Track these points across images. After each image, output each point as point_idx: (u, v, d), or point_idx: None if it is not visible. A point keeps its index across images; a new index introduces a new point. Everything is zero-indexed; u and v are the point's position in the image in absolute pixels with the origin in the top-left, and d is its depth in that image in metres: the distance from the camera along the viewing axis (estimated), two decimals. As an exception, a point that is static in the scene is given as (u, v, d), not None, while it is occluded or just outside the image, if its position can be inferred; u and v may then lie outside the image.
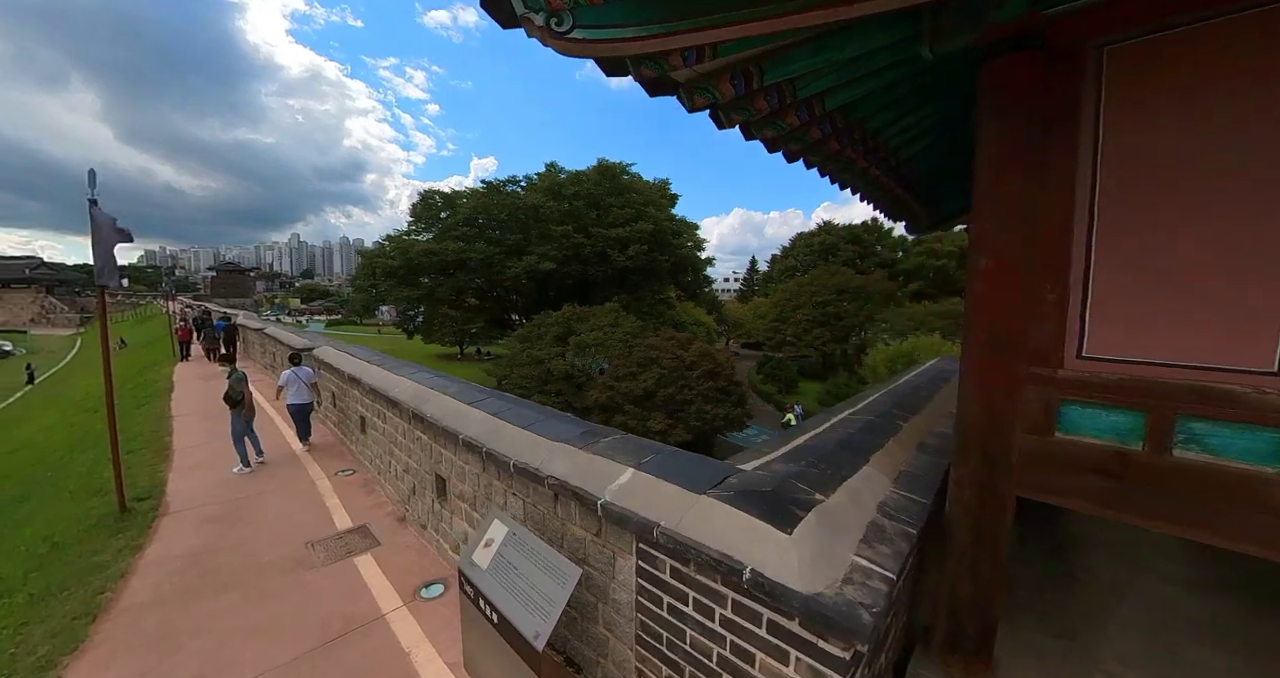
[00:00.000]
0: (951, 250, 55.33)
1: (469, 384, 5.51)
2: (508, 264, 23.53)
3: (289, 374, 7.97)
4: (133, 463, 7.66)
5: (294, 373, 8.00)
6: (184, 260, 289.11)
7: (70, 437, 12.55)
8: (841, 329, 46.78)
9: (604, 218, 25.57)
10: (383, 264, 25.58)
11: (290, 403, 7.96)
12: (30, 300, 75.68)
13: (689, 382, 18.86)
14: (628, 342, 20.78)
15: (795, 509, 2.60)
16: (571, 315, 21.66)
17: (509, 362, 21.79)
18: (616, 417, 18.26)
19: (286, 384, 7.91)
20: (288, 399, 7.92)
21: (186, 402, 11.66)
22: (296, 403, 7.96)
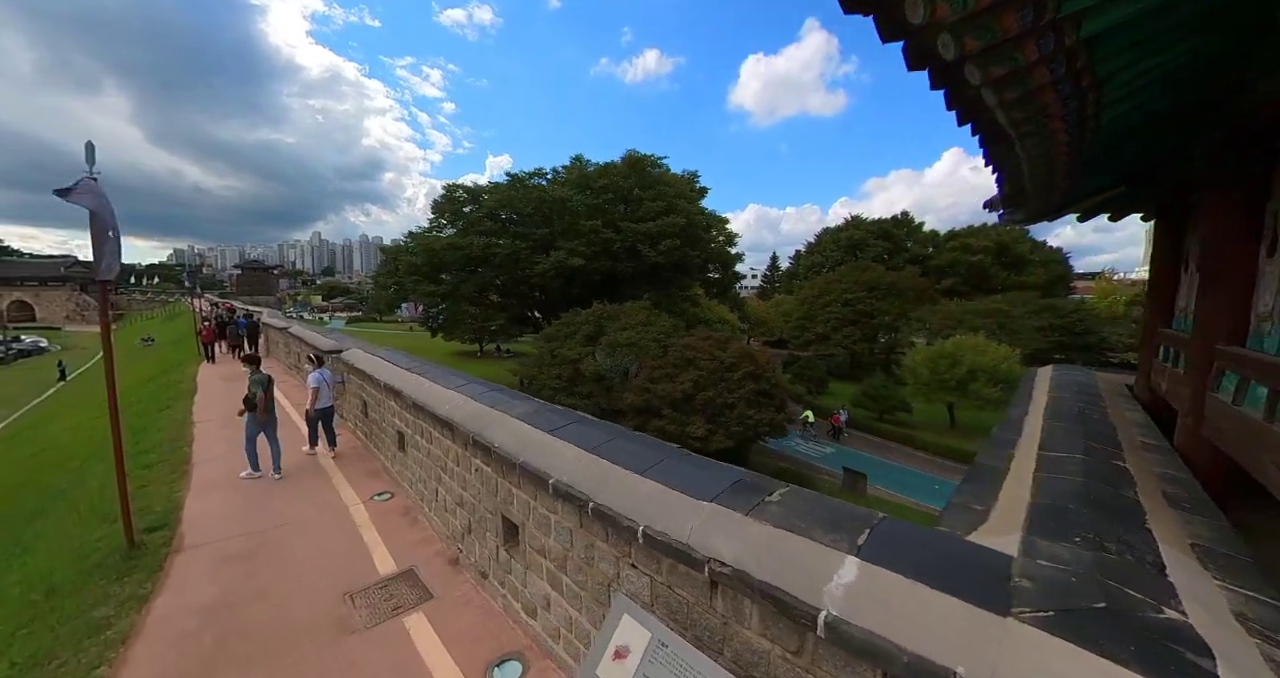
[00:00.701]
0: (987, 246, 52.91)
1: (538, 402, 4.51)
2: (535, 259, 22.63)
3: (318, 376, 7.41)
4: (149, 480, 6.88)
5: (321, 375, 7.46)
6: (211, 259, 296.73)
7: (92, 441, 11.96)
8: (872, 327, 45.01)
9: (634, 212, 24.47)
10: (406, 260, 24.93)
11: (318, 408, 7.40)
12: (66, 298, 77.70)
13: (730, 384, 17.74)
14: (662, 341, 19.73)
15: (1179, 650, 1.53)
16: (602, 314, 20.66)
17: (536, 361, 20.91)
18: (654, 421, 17.24)
19: (319, 387, 7.31)
20: (316, 404, 7.34)
21: (208, 405, 10.97)
22: (324, 407, 7.41)
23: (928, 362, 28.41)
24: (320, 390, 7.31)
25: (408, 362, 6.92)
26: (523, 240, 22.80)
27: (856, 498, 20.12)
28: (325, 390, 7.42)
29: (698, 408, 17.68)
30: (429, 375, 5.83)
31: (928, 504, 20.32)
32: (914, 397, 29.73)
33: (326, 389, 7.44)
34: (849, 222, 57.80)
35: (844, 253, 55.83)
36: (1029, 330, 36.10)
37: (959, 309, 38.17)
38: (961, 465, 25.65)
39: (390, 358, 7.34)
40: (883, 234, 54.51)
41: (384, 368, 6.95)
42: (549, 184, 25.80)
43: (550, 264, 22.19)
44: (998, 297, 40.32)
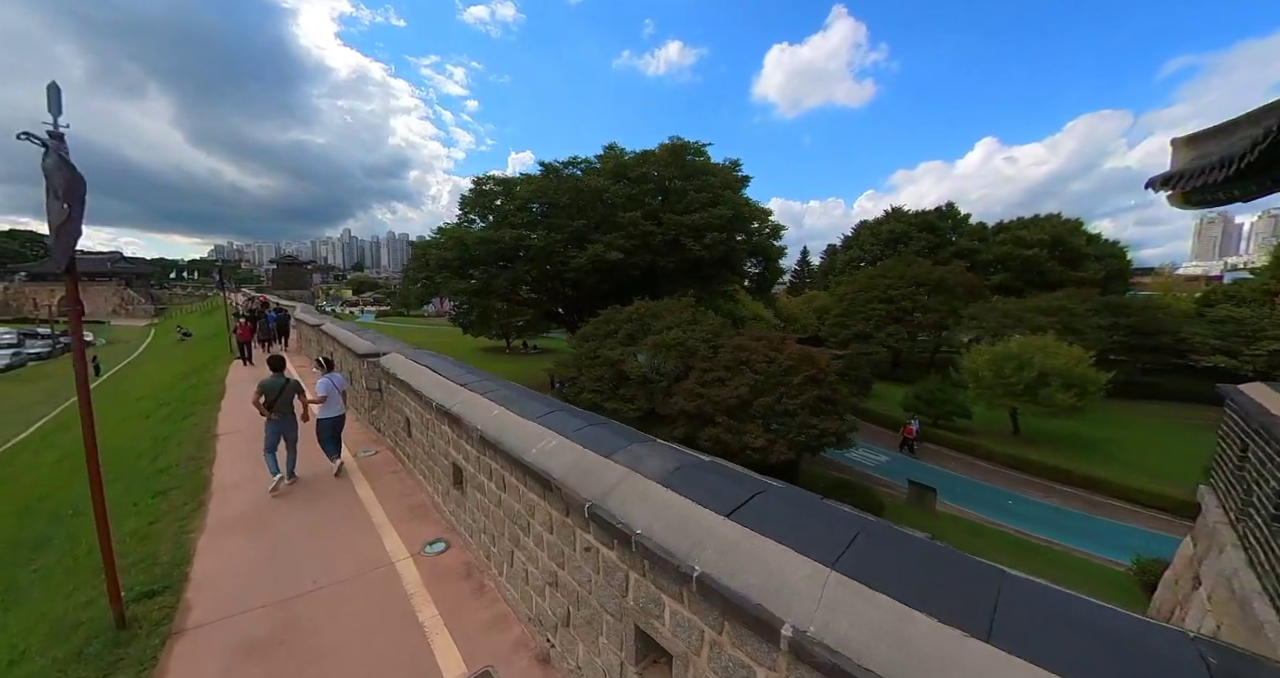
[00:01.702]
0: (1041, 239, 49.42)
1: (675, 452, 3.11)
2: (570, 253, 21.35)
3: (326, 382, 6.69)
4: (159, 512, 5.80)
5: (330, 381, 6.74)
6: (249, 254, 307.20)
7: (114, 448, 11.19)
8: (918, 325, 42.45)
9: (675, 202, 22.91)
10: (435, 255, 23.98)
11: (322, 417, 6.64)
12: (111, 293, 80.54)
13: (790, 389, 16.14)
14: (711, 341, 18.22)
15: None
16: (645, 311, 19.25)
17: (574, 362, 19.65)
18: (707, 429, 15.79)
19: (327, 394, 6.63)
20: (321, 412, 6.61)
21: (235, 413, 10.00)
22: (329, 417, 6.67)
23: (991, 364, 26.12)
24: (330, 398, 6.60)
25: (465, 374, 5.62)
26: (558, 233, 21.55)
27: (924, 517, 18.32)
28: (335, 398, 6.69)
29: (755, 415, 16.16)
30: (498, 398, 4.50)
31: (1006, 524, 18.37)
32: (974, 401, 27.48)
33: (337, 397, 6.71)
34: (889, 214, 54.88)
35: (883, 247, 53.03)
36: (1094, 330, 33.26)
37: (1018, 307, 35.43)
38: (1028, 477, 23.48)
39: (440, 368, 6.07)
40: (926, 227, 51.51)
41: (434, 382, 5.68)
42: (583, 174, 24.48)
43: (587, 258, 20.88)
44: (1058, 293, 37.32)
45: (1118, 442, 27.67)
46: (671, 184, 23.65)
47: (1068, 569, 14.81)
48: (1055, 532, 17.69)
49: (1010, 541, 17.00)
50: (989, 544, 16.40)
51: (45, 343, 46.68)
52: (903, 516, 17.90)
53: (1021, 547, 16.45)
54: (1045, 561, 15.50)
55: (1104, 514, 19.22)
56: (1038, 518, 18.94)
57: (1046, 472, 22.60)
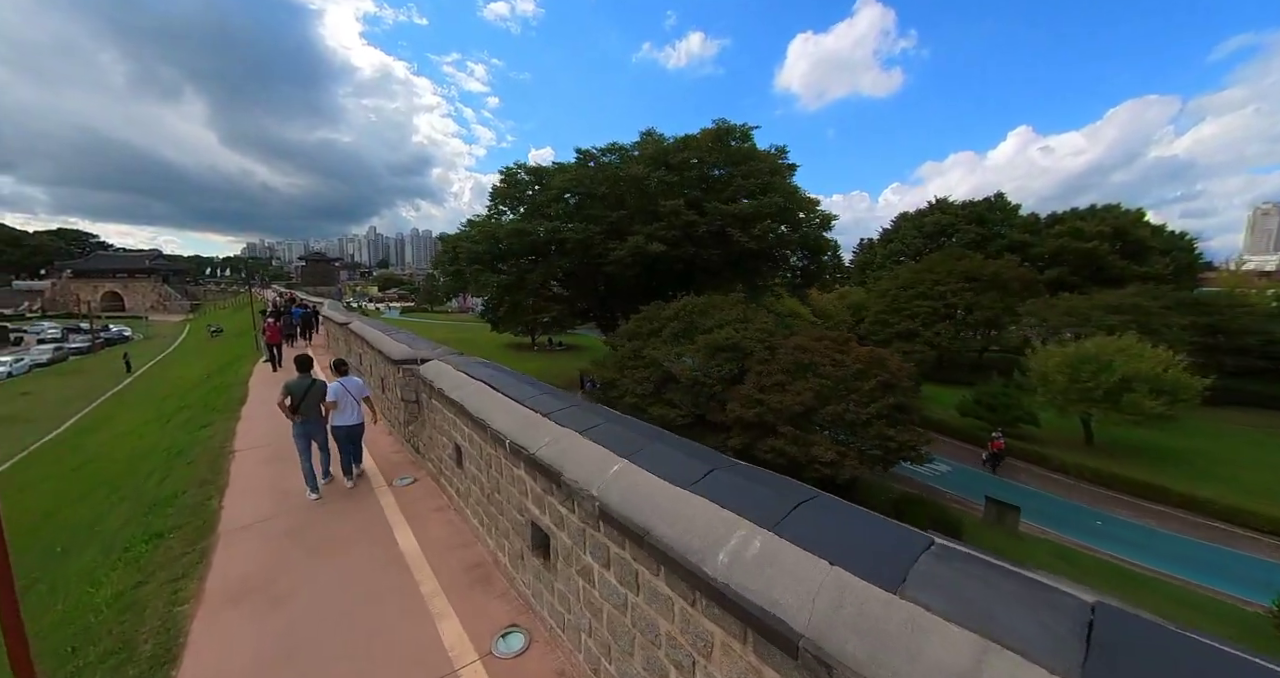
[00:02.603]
0: (1101, 231, 45.88)
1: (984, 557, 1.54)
2: (609, 246, 19.93)
3: (337, 387, 6.03)
4: (150, 566, 4.54)
5: (342, 385, 6.05)
6: (280, 252, 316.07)
7: (130, 458, 10.23)
8: (968, 323, 39.77)
9: (720, 190, 21.22)
10: (466, 248, 22.84)
11: (336, 424, 6.02)
12: (149, 289, 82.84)
13: (861, 396, 14.41)
14: (766, 341, 16.58)
15: None
16: (692, 308, 17.69)
17: (615, 363, 18.22)
18: (767, 439, 14.20)
19: (339, 399, 5.97)
20: (333, 419, 6.01)
21: (256, 424, 8.86)
22: (345, 424, 6.04)
23: (1065, 366, 23.75)
24: (343, 404, 5.96)
25: (540, 395, 4.18)
26: (595, 224, 20.13)
27: (1006, 538, 16.38)
28: (349, 405, 6.02)
29: (821, 425, 14.49)
30: (614, 441, 3.02)
31: (1100, 549, 16.29)
32: (1043, 407, 25.13)
33: (351, 404, 6.05)
34: (933, 205, 51.90)
35: (926, 240, 50.18)
36: (1174, 329, 30.30)
37: (1084, 304, 32.60)
38: (1114, 494, 21.16)
39: (503, 385, 4.65)
40: (975, 219, 48.42)
41: (499, 407, 4.26)
42: (620, 161, 22.98)
43: (627, 250, 19.41)
44: (1130, 289, 34.25)
45: (1205, 453, 24.99)
46: (715, 171, 21.97)
47: (1192, 610, 12.74)
48: (1162, 560, 15.55)
49: (1112, 570, 14.96)
50: (1087, 575, 14.41)
51: (86, 338, 47.65)
52: (982, 537, 16.01)
53: (1128, 579, 14.40)
54: (1162, 597, 13.45)
55: (1217, 540, 16.94)
56: (1135, 543, 16.79)
57: (1137, 488, 20.26)
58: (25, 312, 74.15)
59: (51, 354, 40.25)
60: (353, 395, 6.04)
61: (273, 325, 13.60)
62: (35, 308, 76.26)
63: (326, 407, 5.90)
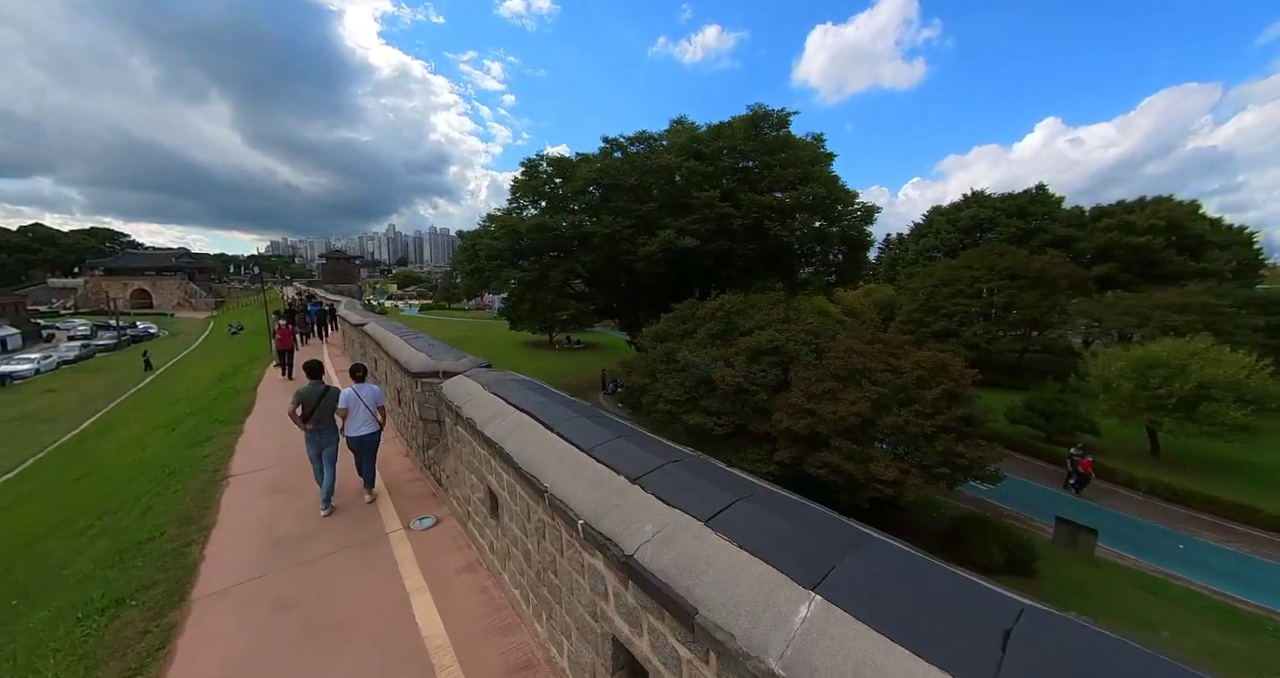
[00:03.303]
0: (1154, 224, 42.91)
1: None
2: (638, 241, 18.68)
3: (350, 394, 5.59)
4: (101, 651, 3.45)
5: (355, 392, 5.62)
6: (302, 250, 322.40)
7: (130, 469, 9.36)
8: (1010, 323, 37.51)
9: (756, 181, 19.76)
10: (487, 245, 21.82)
11: (350, 434, 5.57)
12: (176, 287, 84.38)
13: (924, 406, 12.93)
14: (812, 343, 15.16)
15: None
16: (730, 307, 16.34)
17: (645, 366, 16.96)
18: (818, 453, 12.81)
19: (351, 407, 5.54)
20: (346, 429, 5.56)
21: (259, 438, 7.86)
22: (357, 435, 5.59)
23: (1132, 371, 21.76)
24: (354, 412, 5.53)
25: (623, 444, 2.94)
26: (624, 218, 18.88)
27: (1081, 564, 14.73)
28: (362, 414, 5.58)
29: (879, 438, 13.05)
30: (783, 548, 1.75)
31: (1190, 578, 14.51)
32: (1107, 415, 23.14)
33: (364, 413, 5.59)
34: (969, 198, 49.39)
35: (962, 235, 47.76)
36: (1245, 331, 27.83)
37: (1144, 302, 30.24)
38: (1188, 512, 19.21)
39: (558, 421, 3.43)
40: (1016, 212, 45.84)
41: (555, 455, 3.06)
42: (647, 150, 21.68)
43: (658, 245, 18.13)
44: (1192, 286, 31.67)
45: (1288, 468, 22.71)
46: (748, 161, 20.52)
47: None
48: (1268, 595, 13.72)
49: (1212, 606, 13.21)
50: (1186, 613, 12.72)
51: (113, 335, 48.27)
52: (1057, 564, 14.40)
53: (1236, 619, 12.64)
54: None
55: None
56: (1229, 572, 14.94)
57: (1219, 507, 18.30)
58: (59, 309, 76.14)
59: (79, 351, 40.69)
60: (366, 404, 5.56)
61: (284, 328, 12.03)
62: (69, 305, 78.28)
63: (339, 414, 5.47)
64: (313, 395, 5.43)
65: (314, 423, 5.39)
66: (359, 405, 5.52)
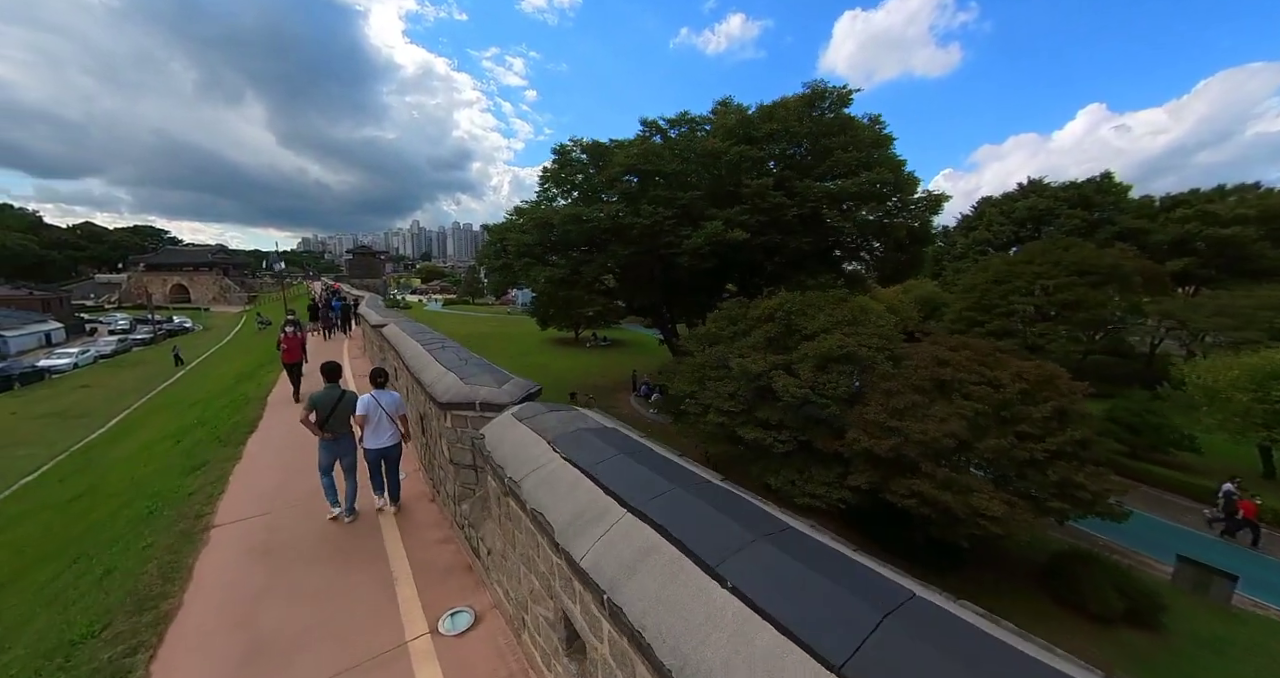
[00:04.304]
0: (1243, 215, 38.82)
1: None
2: (681, 233, 16.95)
3: (369, 401, 4.91)
4: None
5: (374, 399, 4.92)
6: (331, 246, 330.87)
7: (130, 488, 8.19)
8: (1077, 323, 34.41)
9: (810, 167, 17.76)
10: (515, 239, 20.42)
11: (369, 446, 4.92)
12: (212, 282, 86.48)
13: (1033, 427, 10.91)
14: (889, 350, 13.23)
15: None
16: (790, 305, 14.49)
17: (690, 372, 15.26)
18: (902, 479, 10.93)
19: (370, 414, 4.87)
20: (365, 440, 4.92)
21: (258, 468, 6.52)
22: (378, 446, 4.93)
23: (1249, 382, 19.02)
24: (374, 421, 4.91)
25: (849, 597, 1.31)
26: (665, 207, 17.18)
27: (1213, 613, 12.45)
28: (383, 423, 4.96)
29: (979, 463, 11.11)
30: None
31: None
32: (1211, 430, 20.42)
33: (385, 422, 4.98)
34: (1025, 188, 45.85)
35: (1017, 227, 44.33)
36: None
37: (1248, 302, 26.94)
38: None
39: (701, 541, 1.76)
40: (1079, 202, 42.22)
41: (717, 624, 1.39)
42: (687, 134, 19.88)
43: (704, 238, 16.39)
44: (1294, 284, 28.17)
45: None
46: (803, 145, 18.51)
47: None
48: None
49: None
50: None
51: (150, 329, 49.13)
52: (1184, 614, 12.15)
53: None
54: None
55: None
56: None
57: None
58: (104, 303, 78.82)
59: (116, 345, 41.28)
60: (386, 411, 4.98)
61: (290, 337, 9.32)
62: (113, 300, 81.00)
63: (357, 421, 4.95)
64: (328, 401, 4.92)
65: (330, 431, 4.90)
66: (379, 414, 4.92)
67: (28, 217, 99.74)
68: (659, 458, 2.75)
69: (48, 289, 58.15)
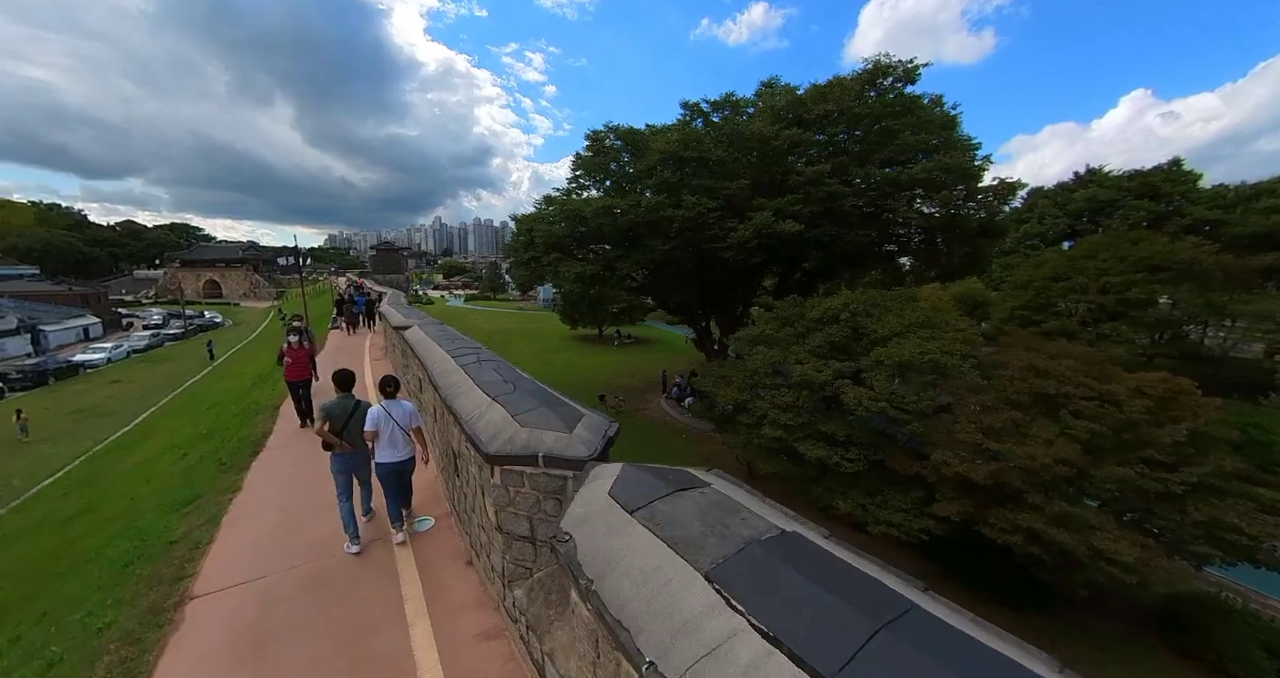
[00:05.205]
0: (1339, 203, 35.04)
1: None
2: (727, 225, 15.43)
3: (378, 414, 4.48)
4: None
5: (385, 411, 4.50)
6: (356, 242, 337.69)
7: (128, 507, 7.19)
8: (1149, 324, 31.59)
9: (870, 151, 15.96)
10: (544, 231, 19.19)
11: (380, 461, 4.54)
12: (243, 277, 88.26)
13: (1160, 451, 9.16)
14: (974, 357, 11.53)
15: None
16: (856, 306, 12.87)
17: (742, 378, 13.75)
18: (1002, 512, 9.31)
19: (379, 428, 4.45)
20: (377, 454, 4.55)
21: (256, 509, 5.36)
22: (390, 461, 4.54)
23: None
24: (385, 435, 4.48)
25: None
26: (710, 198, 15.69)
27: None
28: (393, 435, 4.50)
29: (1100, 496, 9.41)
30: None
31: None
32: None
33: (398, 434, 4.52)
34: (1083, 177, 42.66)
35: (1073, 220, 41.25)
36: None
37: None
38: None
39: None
40: (1146, 192, 38.97)
41: None
42: (731, 117, 18.27)
43: (752, 231, 14.85)
44: None
45: None
46: (858, 128, 16.74)
47: None
48: None
49: None
50: None
51: (181, 325, 49.87)
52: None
53: None
54: None
55: None
56: None
57: None
58: (142, 299, 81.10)
59: (148, 340, 41.81)
60: (399, 424, 4.58)
61: (295, 349, 7.76)
62: (150, 295, 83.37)
63: (367, 437, 4.52)
64: (342, 412, 4.63)
65: (348, 443, 4.62)
66: (390, 427, 4.54)
67: (73, 215, 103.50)
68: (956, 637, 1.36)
69: (87, 285, 59.73)
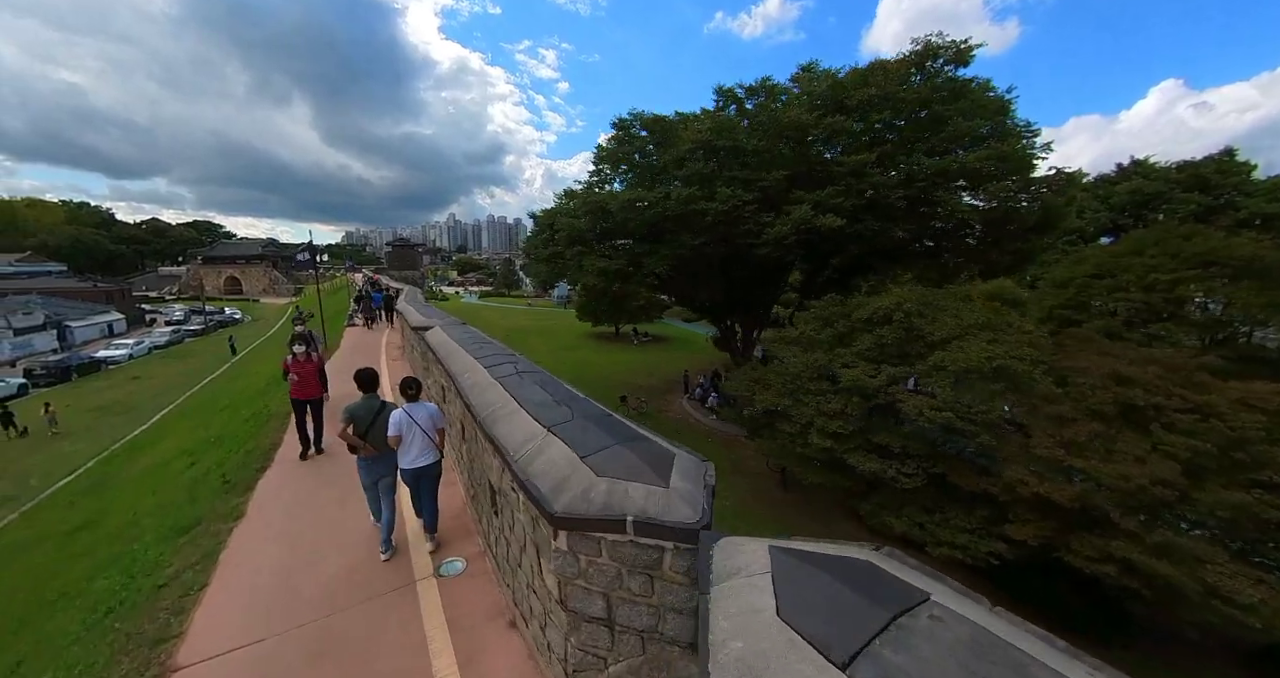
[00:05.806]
0: None
1: None
2: (762, 220, 14.41)
3: (401, 417, 4.24)
4: None
5: (408, 414, 4.28)
6: (372, 239, 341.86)
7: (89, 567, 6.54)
8: (1202, 324, 29.71)
9: (915, 141, 14.79)
10: (566, 224, 18.36)
11: (404, 466, 4.32)
12: (262, 274, 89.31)
13: (1278, 473, 8.02)
14: (1045, 362, 10.42)
15: None
16: (908, 305, 11.81)
17: (787, 384, 12.75)
18: (1088, 537, 8.25)
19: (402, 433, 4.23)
20: (401, 460, 4.33)
21: (260, 542, 4.62)
22: (414, 466, 4.29)
23: None
24: (410, 440, 4.26)
25: None
26: (743, 190, 14.68)
27: None
28: (418, 440, 4.29)
29: (1205, 523, 8.31)
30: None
31: None
32: None
33: (421, 439, 4.30)
34: (1127, 168, 40.53)
35: (1115, 215, 39.20)
36: None
37: None
38: None
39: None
40: (1197, 184, 36.82)
41: None
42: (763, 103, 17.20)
43: (790, 225, 13.83)
44: None
45: None
46: (903, 115, 15.55)
47: None
48: None
49: None
50: None
51: (201, 321, 50.33)
52: None
53: None
54: None
55: None
56: None
57: None
58: (165, 295, 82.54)
59: (169, 336, 42.13)
60: (422, 427, 4.26)
61: (302, 362, 6.58)
62: (173, 291, 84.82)
63: (391, 441, 4.24)
64: (367, 413, 4.45)
65: (373, 447, 4.43)
66: (414, 431, 4.30)
67: (101, 214, 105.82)
68: None
69: (112, 281, 60.73)
